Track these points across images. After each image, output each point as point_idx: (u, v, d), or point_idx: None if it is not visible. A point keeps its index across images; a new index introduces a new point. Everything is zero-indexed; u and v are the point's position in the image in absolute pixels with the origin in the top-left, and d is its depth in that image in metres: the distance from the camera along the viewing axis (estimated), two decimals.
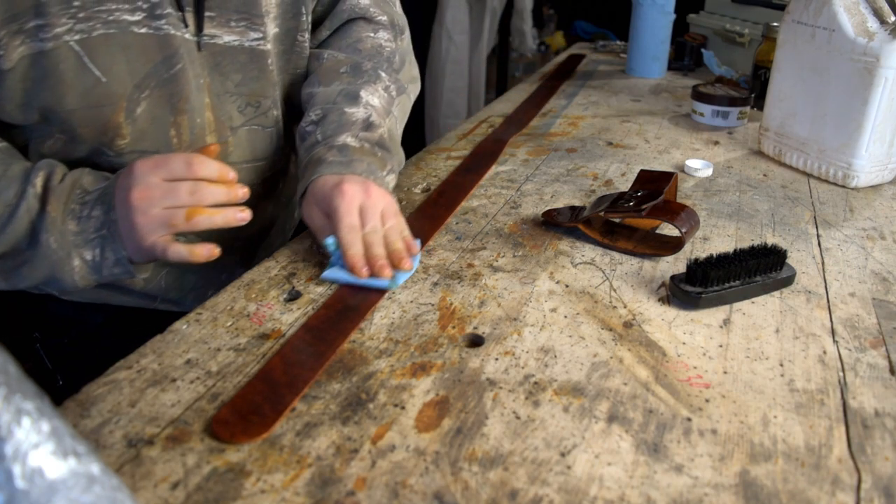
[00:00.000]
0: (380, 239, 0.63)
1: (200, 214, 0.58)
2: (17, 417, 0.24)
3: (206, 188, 0.59)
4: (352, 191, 0.64)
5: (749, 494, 0.41)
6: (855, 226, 0.78)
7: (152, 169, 0.58)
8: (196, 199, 0.58)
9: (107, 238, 0.60)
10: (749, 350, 0.55)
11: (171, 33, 0.63)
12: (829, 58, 0.88)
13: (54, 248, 0.59)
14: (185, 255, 0.59)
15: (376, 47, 0.80)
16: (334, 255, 0.63)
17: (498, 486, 0.41)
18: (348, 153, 0.68)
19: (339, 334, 0.55)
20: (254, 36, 0.69)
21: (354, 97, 0.74)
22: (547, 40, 3.71)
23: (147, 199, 0.58)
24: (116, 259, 0.60)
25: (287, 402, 0.47)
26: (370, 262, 0.61)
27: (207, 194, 0.59)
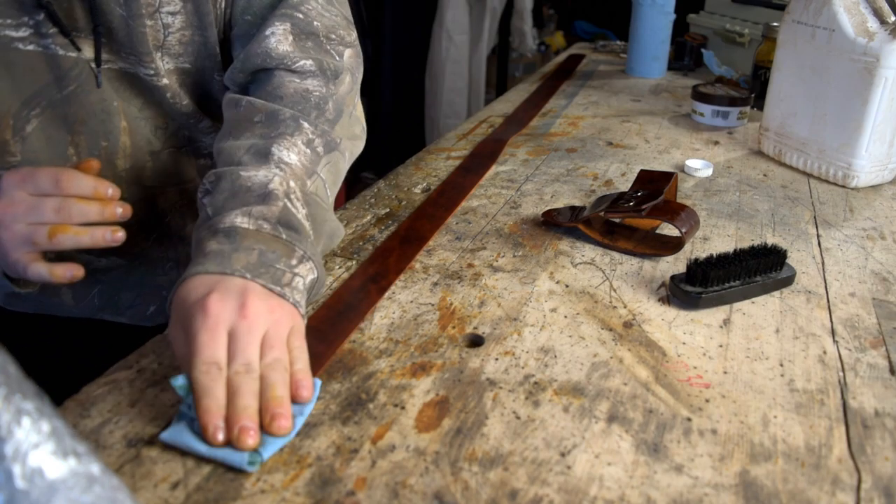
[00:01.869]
0: (247, 384, 0.44)
1: (64, 233, 0.53)
2: (17, 417, 0.24)
3: (74, 205, 0.54)
4: (219, 307, 0.46)
5: (749, 494, 0.41)
6: (855, 226, 0.78)
7: (19, 183, 0.54)
8: (61, 217, 0.53)
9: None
10: (749, 350, 0.55)
11: (61, 54, 0.60)
12: (829, 58, 0.88)
13: None
14: (44, 275, 0.54)
15: (300, 92, 0.64)
16: (184, 401, 0.45)
17: (498, 486, 0.41)
18: (234, 239, 0.51)
19: (338, 334, 0.55)
20: (144, 71, 0.64)
21: (264, 154, 0.58)
22: (547, 40, 3.71)
23: (11, 214, 0.53)
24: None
25: None
26: (229, 422, 0.42)
27: (75, 212, 0.54)
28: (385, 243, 0.70)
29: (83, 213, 0.54)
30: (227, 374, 0.44)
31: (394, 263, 0.66)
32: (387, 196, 0.82)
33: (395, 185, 0.86)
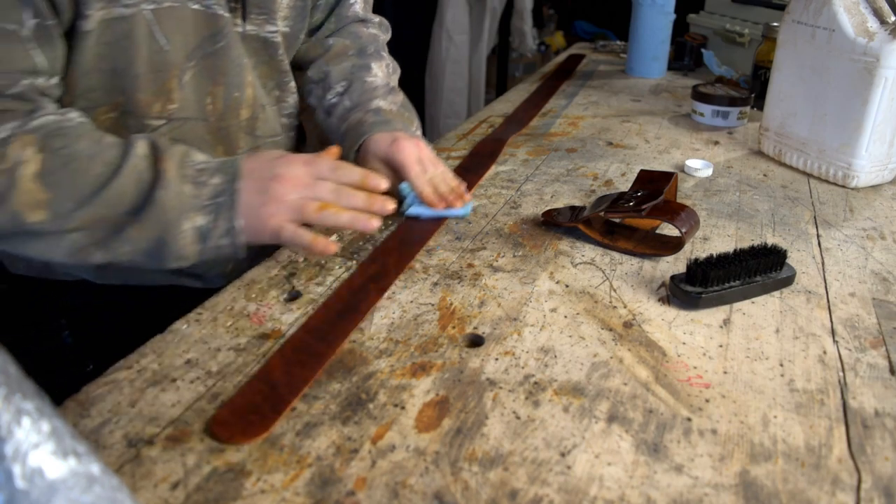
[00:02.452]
0: (442, 181, 0.77)
1: (329, 210, 0.62)
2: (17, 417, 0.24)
3: (348, 191, 0.64)
4: (408, 146, 0.77)
5: (749, 494, 0.41)
6: (855, 226, 0.78)
7: (303, 164, 0.64)
8: (335, 198, 0.63)
9: (222, 206, 0.61)
10: (749, 350, 0.55)
11: (219, 13, 0.70)
12: (829, 58, 0.88)
13: (169, 206, 0.59)
14: (306, 242, 0.62)
15: (373, 36, 0.93)
16: (409, 196, 0.77)
17: (498, 486, 0.41)
18: (383, 115, 0.81)
19: (339, 334, 0.55)
20: (269, 29, 0.77)
21: (367, 69, 0.87)
22: (547, 40, 3.71)
23: (291, 187, 0.62)
24: (227, 228, 0.61)
25: (286, 402, 0.47)
26: (443, 199, 0.76)
27: (347, 196, 0.64)
28: (385, 243, 0.70)
29: (353, 198, 0.64)
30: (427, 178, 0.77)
31: (394, 263, 0.66)
32: None
33: None
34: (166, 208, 0.59)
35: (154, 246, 0.60)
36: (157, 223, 0.59)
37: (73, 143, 0.59)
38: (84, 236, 0.59)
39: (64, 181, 0.57)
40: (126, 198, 0.59)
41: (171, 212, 0.59)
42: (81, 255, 0.60)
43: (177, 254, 0.61)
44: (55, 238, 0.59)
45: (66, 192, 0.57)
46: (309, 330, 0.56)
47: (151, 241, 0.60)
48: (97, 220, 0.59)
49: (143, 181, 0.59)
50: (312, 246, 0.62)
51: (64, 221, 0.58)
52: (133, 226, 0.59)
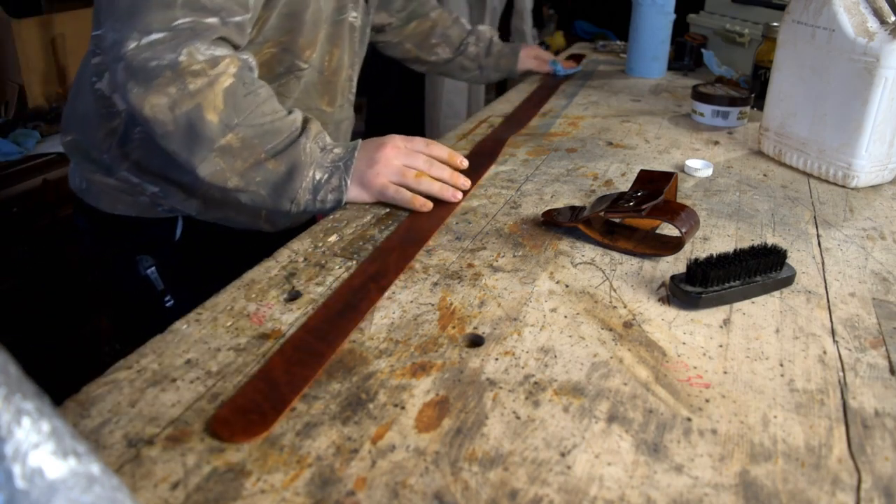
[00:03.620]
0: None
1: (426, 178, 0.79)
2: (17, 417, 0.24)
3: (437, 164, 0.81)
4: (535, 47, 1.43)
5: (749, 494, 0.41)
6: (855, 226, 0.78)
7: (403, 140, 0.81)
8: (427, 167, 0.79)
9: (339, 169, 0.77)
10: (749, 350, 0.55)
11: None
12: (829, 58, 0.88)
13: (307, 151, 0.75)
14: (408, 200, 0.77)
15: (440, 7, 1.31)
16: (557, 65, 1.41)
17: (498, 486, 0.41)
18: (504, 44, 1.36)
19: (339, 334, 0.55)
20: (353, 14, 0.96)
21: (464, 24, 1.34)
22: (547, 40, 3.71)
23: (394, 155, 0.78)
24: (336, 185, 0.76)
25: (287, 402, 0.47)
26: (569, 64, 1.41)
27: (436, 168, 0.80)
28: (385, 243, 0.70)
29: (440, 171, 0.81)
30: None
31: (394, 263, 0.66)
32: None
33: None
34: (303, 154, 0.75)
35: (281, 181, 0.75)
36: (291, 162, 0.74)
37: (258, 87, 0.75)
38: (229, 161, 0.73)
39: (240, 104, 0.73)
40: (279, 137, 0.74)
41: (305, 157, 0.75)
42: (219, 175, 0.74)
43: (293, 194, 0.75)
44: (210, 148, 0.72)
45: (237, 111, 0.72)
46: (309, 329, 0.56)
47: (280, 176, 0.75)
48: (247, 143, 0.73)
49: (296, 129, 0.76)
50: (412, 202, 0.77)
51: (224, 130, 0.72)
52: (272, 160, 0.74)
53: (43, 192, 1.52)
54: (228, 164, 0.73)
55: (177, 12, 0.70)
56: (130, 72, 0.70)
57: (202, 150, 0.72)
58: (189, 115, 0.71)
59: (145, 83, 0.70)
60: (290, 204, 0.76)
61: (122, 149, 0.87)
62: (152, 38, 0.69)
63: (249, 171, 0.74)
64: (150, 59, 0.69)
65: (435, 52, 1.30)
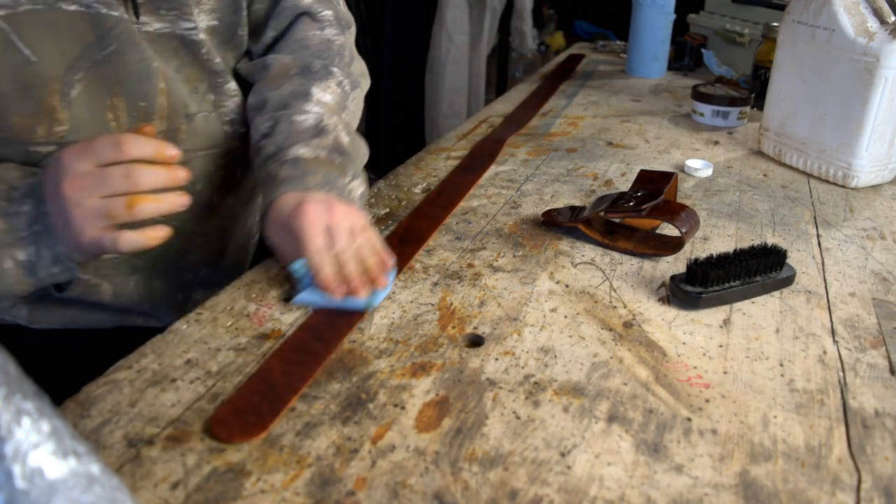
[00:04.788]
0: (351, 257, 0.59)
1: (143, 202, 0.53)
2: (17, 417, 0.24)
3: (143, 170, 0.53)
4: (314, 211, 0.59)
5: (749, 494, 0.41)
6: (855, 226, 0.78)
7: (80, 155, 0.52)
8: (132, 183, 0.52)
9: (41, 234, 0.54)
10: (749, 350, 0.55)
11: (104, 13, 0.58)
12: (829, 58, 0.88)
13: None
14: (140, 242, 0.54)
15: (325, 42, 0.76)
16: (304, 278, 0.60)
17: (498, 486, 0.41)
18: (301, 166, 0.63)
19: (337, 334, 0.55)
20: (184, 25, 0.65)
21: (306, 96, 0.70)
22: (547, 40, 3.71)
23: (80, 190, 0.52)
24: (54, 257, 0.55)
25: (285, 402, 0.47)
26: (345, 282, 0.58)
27: (145, 177, 0.53)
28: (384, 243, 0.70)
29: (153, 178, 0.53)
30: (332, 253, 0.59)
31: None
32: (387, 196, 0.82)
33: (394, 185, 0.86)
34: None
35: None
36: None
37: None
38: None
39: None
40: None
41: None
42: None
43: (6, 291, 0.55)
44: None
45: None
46: (307, 329, 0.56)
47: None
48: None
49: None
50: (147, 243, 0.55)
51: None
52: None
53: None
54: None
55: None
56: None
57: None
58: None
59: None
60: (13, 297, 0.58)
61: None
62: None
63: None
64: None
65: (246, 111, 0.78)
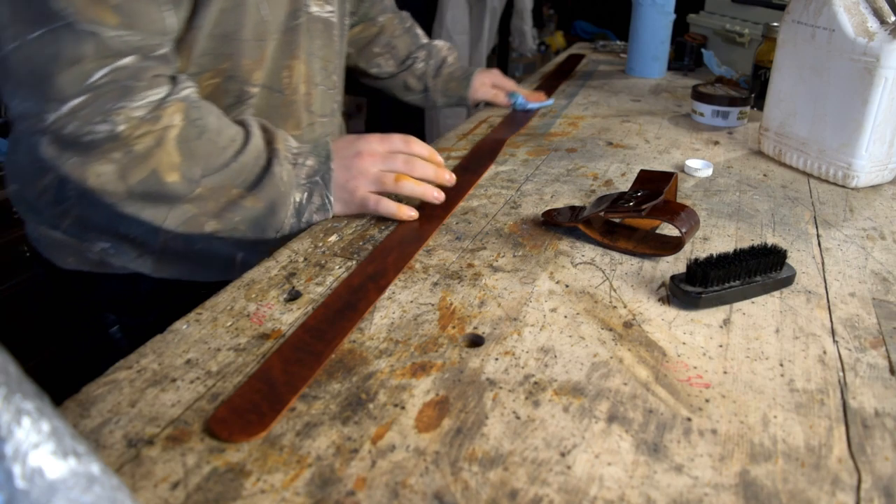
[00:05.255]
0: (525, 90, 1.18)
1: (406, 180, 0.72)
2: (17, 417, 0.24)
3: (418, 162, 0.74)
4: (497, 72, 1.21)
5: (749, 494, 0.41)
6: (855, 226, 0.78)
7: (380, 140, 0.73)
8: (408, 167, 0.73)
9: (317, 184, 0.71)
10: (749, 350, 0.55)
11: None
12: (829, 58, 0.88)
13: (284, 179, 0.69)
14: (393, 211, 0.72)
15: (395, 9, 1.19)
16: (518, 98, 1.17)
17: (498, 486, 0.41)
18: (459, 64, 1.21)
19: (337, 333, 0.55)
20: (328, 9, 0.87)
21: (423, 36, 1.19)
22: (547, 40, 3.71)
23: (370, 161, 0.72)
24: (320, 204, 0.71)
25: (285, 401, 0.47)
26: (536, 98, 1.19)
27: (418, 166, 0.74)
28: (384, 242, 0.70)
29: (423, 169, 0.74)
30: None
31: (392, 263, 0.66)
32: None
33: None
34: (280, 183, 0.69)
35: (263, 215, 0.69)
36: (269, 195, 0.68)
37: (206, 116, 0.67)
38: (202, 205, 0.67)
39: (197, 149, 0.65)
40: (247, 170, 0.68)
41: (283, 186, 0.69)
42: (193, 223, 0.67)
43: (278, 225, 0.70)
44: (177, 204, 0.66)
45: (196, 160, 0.65)
46: (308, 329, 0.56)
47: (261, 212, 0.69)
48: (217, 188, 0.67)
49: (262, 157, 0.69)
50: (397, 214, 0.72)
51: (191, 186, 0.65)
52: (248, 197, 0.68)
53: None
54: (201, 209, 0.67)
55: (87, 66, 0.60)
56: (61, 144, 0.62)
57: (166, 209, 0.66)
58: (146, 183, 0.64)
59: (83, 153, 0.62)
60: (276, 233, 0.71)
61: (59, 206, 0.74)
62: (73, 105, 0.60)
63: (225, 211, 0.68)
64: (81, 131, 0.60)
65: (376, 62, 1.14)
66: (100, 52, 0.60)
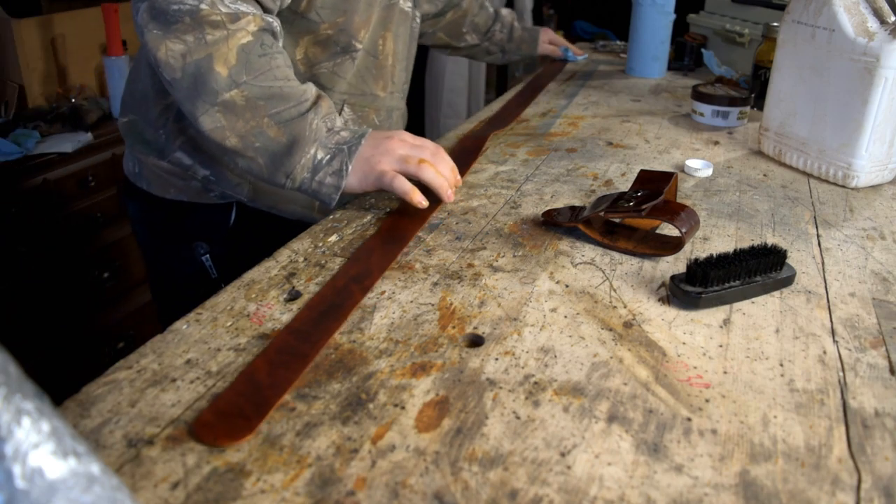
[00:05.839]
0: None
1: (428, 165, 0.76)
2: (17, 417, 0.24)
3: (444, 157, 0.79)
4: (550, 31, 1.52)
5: (749, 494, 0.41)
6: (855, 226, 0.78)
7: (411, 136, 0.79)
8: (434, 158, 0.78)
9: (342, 152, 0.74)
10: (749, 350, 0.55)
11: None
12: (829, 58, 0.88)
13: (313, 127, 0.73)
14: (406, 190, 0.74)
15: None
16: (568, 54, 1.55)
17: (498, 486, 0.41)
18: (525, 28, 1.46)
19: (322, 335, 0.55)
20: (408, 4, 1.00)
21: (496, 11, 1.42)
22: None
23: (399, 144, 0.77)
24: (337, 168, 0.74)
25: (270, 404, 0.47)
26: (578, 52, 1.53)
27: (444, 161, 0.79)
28: (366, 243, 0.70)
29: (446, 165, 0.79)
30: None
31: (376, 263, 0.66)
32: (387, 196, 0.82)
33: None
34: (307, 128, 0.73)
35: (280, 152, 0.73)
36: (293, 135, 0.72)
37: (275, 51, 0.74)
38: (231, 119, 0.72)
39: (252, 63, 0.71)
40: (286, 102, 0.73)
41: (308, 132, 0.73)
42: (219, 132, 0.72)
43: (290, 169, 0.73)
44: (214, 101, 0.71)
45: (248, 70, 0.71)
46: (292, 331, 0.55)
47: (280, 147, 0.73)
48: (252, 104, 0.71)
49: (306, 100, 0.74)
50: (410, 194, 0.74)
51: (231, 85, 0.71)
52: (274, 127, 0.72)
53: (43, 192, 1.52)
54: (230, 122, 0.72)
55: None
56: (152, 13, 0.70)
57: (205, 102, 0.71)
58: (199, 63, 0.70)
59: (164, 26, 0.70)
60: (286, 179, 0.74)
61: (178, 124, 0.88)
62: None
63: (250, 133, 0.73)
64: (172, 2, 0.69)
65: (464, 39, 1.36)
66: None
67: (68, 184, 1.56)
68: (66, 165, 1.55)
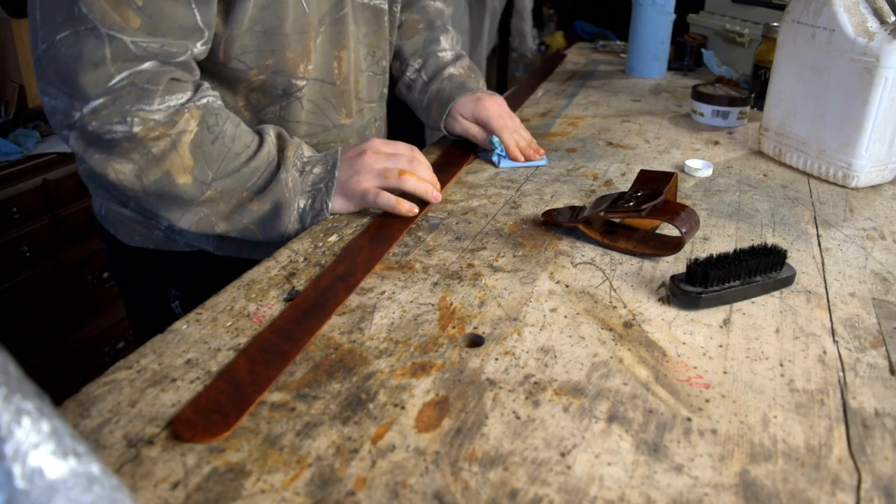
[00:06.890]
0: (520, 136, 0.93)
1: (410, 175, 0.75)
2: (17, 417, 0.24)
3: (421, 160, 0.78)
4: (491, 104, 0.93)
5: (749, 494, 0.41)
6: (855, 226, 0.78)
7: (384, 144, 0.77)
8: (412, 167, 0.76)
9: (320, 191, 0.74)
10: (749, 350, 0.55)
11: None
12: (829, 58, 0.88)
13: (289, 185, 0.72)
14: (392, 204, 0.73)
15: (439, 10, 1.05)
16: (499, 147, 0.91)
17: (498, 486, 0.41)
18: (456, 79, 0.97)
19: (305, 333, 0.55)
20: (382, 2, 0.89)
21: (437, 41, 1.01)
22: (547, 40, 3.71)
23: (375, 159, 0.75)
24: (320, 208, 0.74)
25: (250, 402, 0.47)
26: (525, 153, 0.92)
27: (421, 168, 0.77)
28: (353, 242, 0.70)
29: (426, 171, 0.77)
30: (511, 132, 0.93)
31: (362, 262, 0.66)
32: None
33: None
34: (285, 189, 0.72)
35: (268, 218, 0.72)
36: (274, 200, 0.71)
37: (223, 123, 0.69)
38: (212, 207, 0.70)
39: (210, 154, 0.68)
40: (256, 174, 0.71)
41: (287, 192, 0.72)
42: (205, 224, 0.71)
43: (282, 228, 0.73)
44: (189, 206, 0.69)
45: (209, 164, 0.68)
46: (275, 329, 0.55)
47: (267, 215, 0.72)
48: (228, 191, 0.70)
49: (272, 163, 0.72)
50: (397, 207, 0.73)
51: (202, 188, 0.68)
52: (255, 200, 0.71)
53: (43, 192, 1.52)
54: (212, 210, 0.70)
55: (109, 69, 0.63)
56: (86, 140, 0.65)
57: (180, 209, 0.70)
58: (158, 183, 0.67)
59: (104, 150, 0.65)
60: (280, 237, 0.74)
61: None
62: (94, 105, 0.63)
63: (234, 214, 0.71)
64: (102, 129, 0.64)
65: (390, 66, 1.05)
66: (120, 56, 0.63)
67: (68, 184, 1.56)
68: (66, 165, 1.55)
